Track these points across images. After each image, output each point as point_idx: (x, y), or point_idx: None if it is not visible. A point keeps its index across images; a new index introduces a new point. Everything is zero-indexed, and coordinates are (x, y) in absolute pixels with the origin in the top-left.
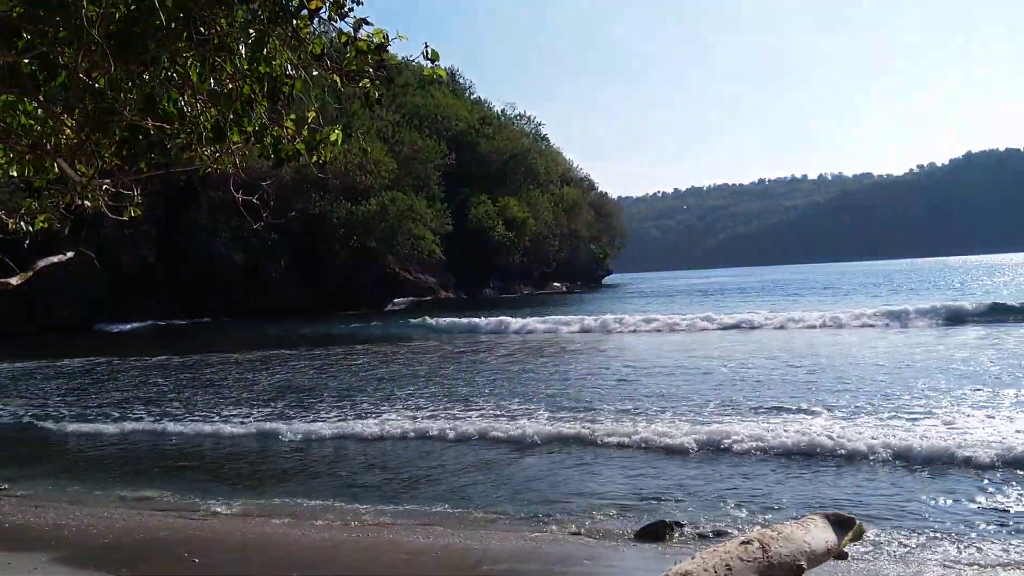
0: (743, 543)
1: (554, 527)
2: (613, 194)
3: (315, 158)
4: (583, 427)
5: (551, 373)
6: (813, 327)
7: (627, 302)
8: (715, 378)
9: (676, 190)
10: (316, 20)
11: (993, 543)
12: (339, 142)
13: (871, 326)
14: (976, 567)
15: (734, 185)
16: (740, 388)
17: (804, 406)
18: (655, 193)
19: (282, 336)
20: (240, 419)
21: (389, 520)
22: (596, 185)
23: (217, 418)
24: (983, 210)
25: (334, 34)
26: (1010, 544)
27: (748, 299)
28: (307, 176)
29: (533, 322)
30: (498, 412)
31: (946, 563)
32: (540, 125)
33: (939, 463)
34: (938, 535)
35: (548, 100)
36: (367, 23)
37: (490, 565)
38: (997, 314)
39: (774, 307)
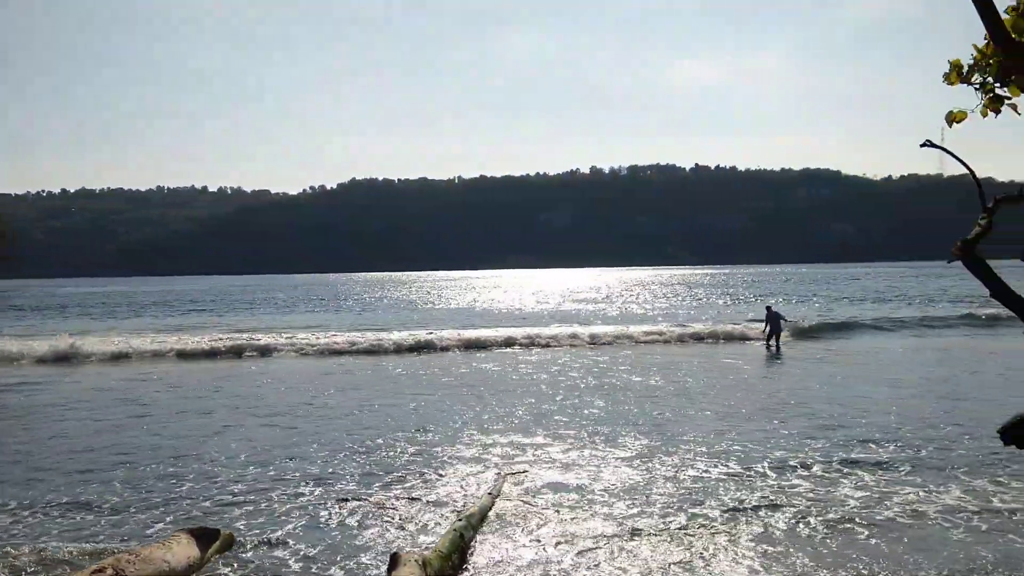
0: (96, 571)
1: None
2: None
3: None
4: None
5: None
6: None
7: None
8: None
9: (64, 190)
10: None
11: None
12: None
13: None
14: (330, 562)
15: (131, 190)
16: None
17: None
18: (39, 192)
19: None
20: None
21: None
22: None
23: None
24: (364, 231)
25: None
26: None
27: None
28: None
29: None
30: None
31: (305, 560)
32: None
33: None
34: (299, 542)
35: None
36: None
37: None
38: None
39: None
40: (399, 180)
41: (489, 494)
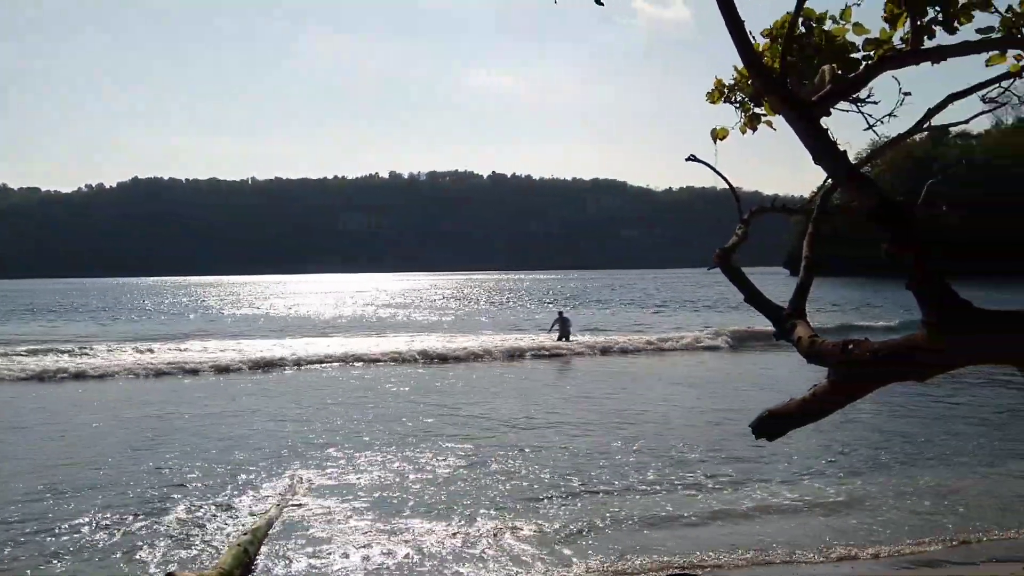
0: None
1: None
2: None
3: None
4: None
5: None
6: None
7: None
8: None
9: None
10: None
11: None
12: None
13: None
14: None
15: None
16: None
17: None
18: None
19: None
20: None
21: None
22: None
23: None
24: (148, 233)
25: None
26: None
27: None
28: None
29: None
30: None
31: None
32: None
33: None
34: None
35: None
36: None
37: None
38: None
39: None
40: (187, 180)
41: (277, 506)
